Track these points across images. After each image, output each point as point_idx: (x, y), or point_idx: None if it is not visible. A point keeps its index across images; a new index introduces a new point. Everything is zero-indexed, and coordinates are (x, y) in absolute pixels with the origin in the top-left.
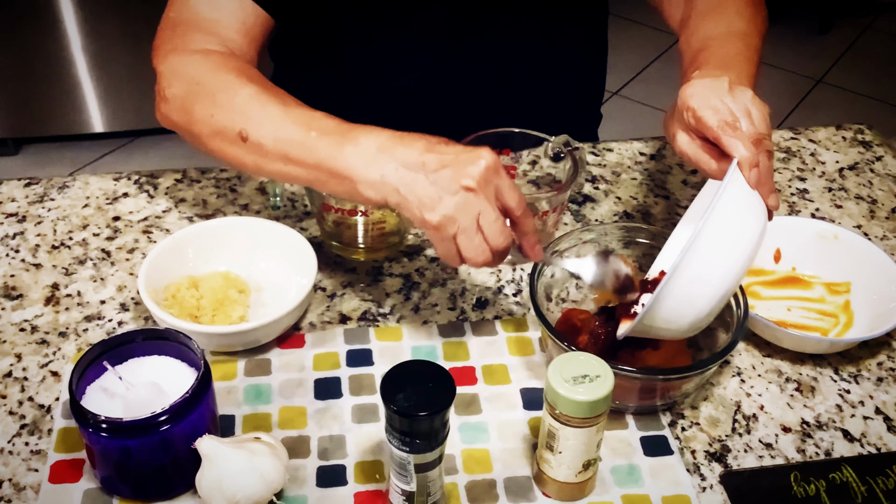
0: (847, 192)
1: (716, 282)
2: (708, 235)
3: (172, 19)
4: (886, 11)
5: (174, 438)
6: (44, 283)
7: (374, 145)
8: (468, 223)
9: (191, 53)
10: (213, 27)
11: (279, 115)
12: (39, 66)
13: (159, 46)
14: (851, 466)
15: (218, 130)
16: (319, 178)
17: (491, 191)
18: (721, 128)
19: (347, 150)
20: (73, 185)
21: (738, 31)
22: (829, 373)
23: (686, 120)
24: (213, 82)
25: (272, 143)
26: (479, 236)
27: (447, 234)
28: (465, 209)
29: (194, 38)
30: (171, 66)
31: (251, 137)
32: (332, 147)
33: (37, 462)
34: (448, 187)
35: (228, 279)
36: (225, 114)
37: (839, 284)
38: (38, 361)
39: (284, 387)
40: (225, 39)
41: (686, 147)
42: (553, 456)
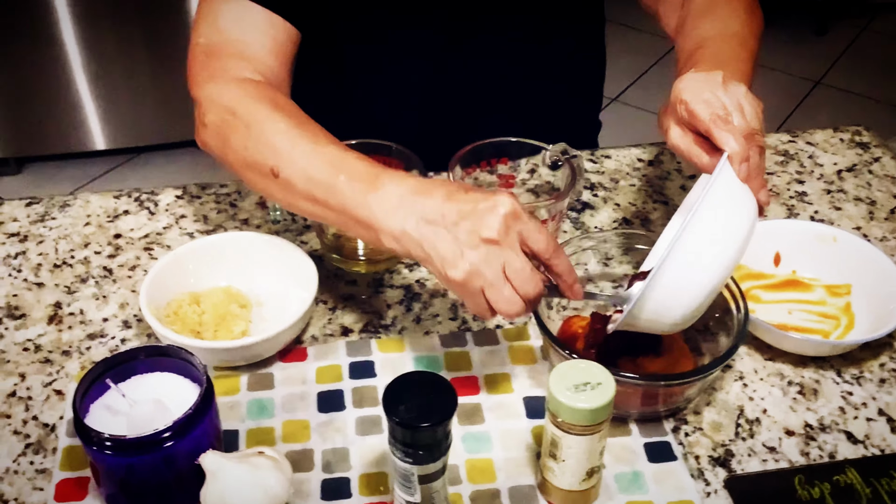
0: (846, 194)
1: (704, 276)
2: (696, 229)
3: (203, 45)
4: (883, 12)
5: (178, 455)
6: (46, 301)
7: (397, 195)
8: (494, 276)
9: (227, 82)
10: (245, 50)
11: (309, 153)
12: (40, 86)
13: (195, 74)
14: (856, 468)
15: (251, 164)
16: (346, 222)
17: (514, 238)
18: (713, 121)
19: (371, 200)
20: (74, 204)
21: (733, 33)
22: (831, 375)
23: (679, 113)
24: (247, 114)
25: (301, 183)
26: (508, 287)
27: (474, 289)
28: (488, 262)
29: (228, 64)
30: (208, 94)
31: (282, 175)
32: (357, 194)
33: (42, 481)
34: (469, 241)
35: (230, 294)
36: (257, 148)
37: (839, 286)
38: (42, 380)
39: (287, 400)
40: (258, 64)
41: (678, 140)
42: (556, 464)
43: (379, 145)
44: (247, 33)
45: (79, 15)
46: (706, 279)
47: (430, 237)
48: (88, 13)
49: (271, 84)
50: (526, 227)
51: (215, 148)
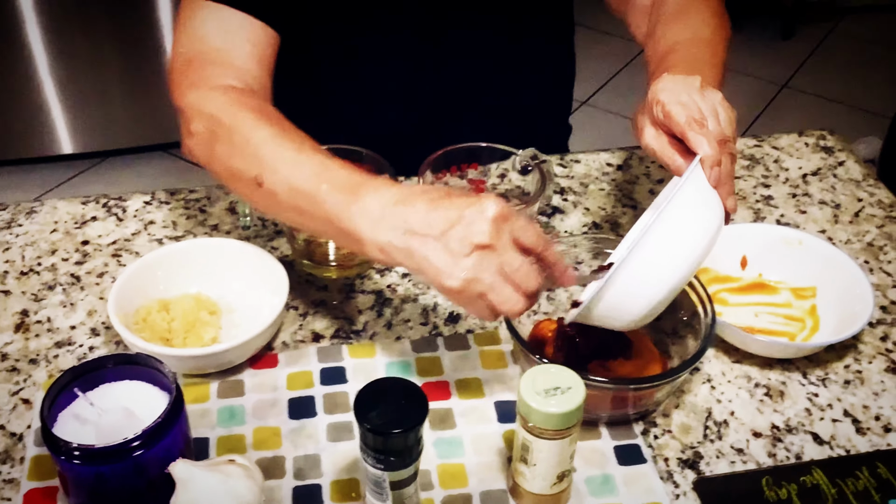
0: (811, 198)
1: (665, 275)
2: (661, 228)
3: (184, 55)
4: (849, 15)
5: (148, 463)
6: (13, 309)
7: (378, 206)
8: (492, 279)
9: (210, 89)
10: (227, 58)
11: (292, 162)
12: (6, 89)
13: (178, 83)
14: (822, 469)
15: (235, 173)
16: (331, 232)
17: (506, 239)
18: (688, 123)
19: (354, 211)
20: (40, 211)
21: (703, 39)
22: (797, 377)
23: (655, 114)
24: (231, 123)
25: (285, 193)
26: (509, 287)
27: (473, 295)
28: (485, 267)
29: (210, 71)
30: (191, 102)
31: (266, 185)
32: (339, 205)
33: (10, 491)
34: (461, 249)
35: (199, 301)
36: (241, 157)
37: (805, 289)
38: (9, 389)
39: (258, 407)
40: (241, 72)
41: (652, 141)
42: (527, 468)
43: (349, 151)
44: (228, 40)
45: (45, 16)
46: (667, 279)
47: (419, 249)
48: (55, 14)
49: (254, 91)
50: (515, 225)
51: (202, 156)
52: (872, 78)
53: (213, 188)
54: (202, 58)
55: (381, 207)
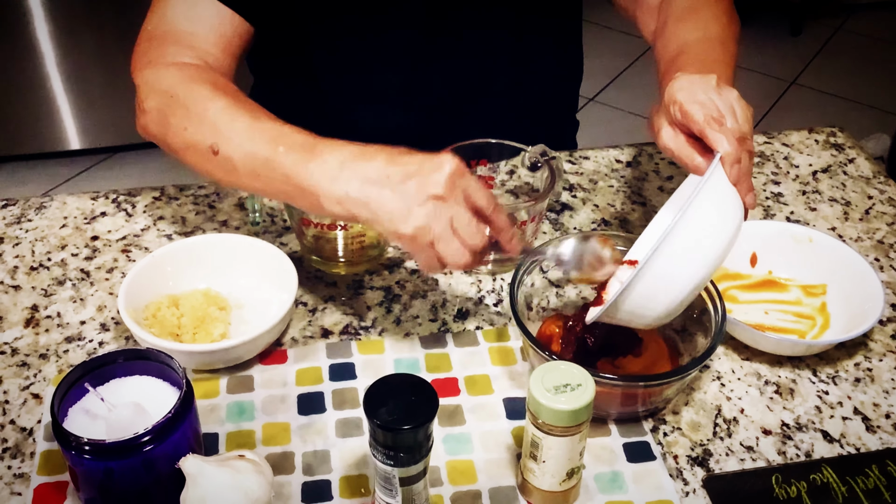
0: (821, 195)
1: (687, 274)
2: (684, 227)
3: (150, 32)
4: (857, 12)
5: (157, 459)
6: (23, 304)
7: (337, 161)
8: (442, 229)
9: (166, 66)
10: (190, 40)
11: (248, 128)
12: (14, 84)
13: (137, 59)
14: (832, 467)
15: (191, 144)
16: (289, 193)
17: (459, 194)
18: (707, 122)
19: (312, 167)
20: (50, 206)
21: (714, 37)
22: (807, 375)
23: (672, 114)
24: (186, 95)
25: (241, 158)
26: (456, 240)
27: (423, 243)
28: (436, 217)
29: (170, 50)
30: (147, 79)
31: (221, 152)
32: (297, 164)
33: (20, 486)
34: (416, 198)
35: (209, 297)
36: (197, 127)
37: (815, 287)
38: (19, 384)
39: (267, 403)
40: (201, 52)
41: (670, 141)
42: (537, 465)
43: None
44: (194, 25)
45: (53, 13)
46: (691, 276)
47: (375, 197)
48: (63, 11)
49: (211, 68)
50: (469, 183)
51: (156, 132)
52: (881, 75)
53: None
54: (165, 37)
55: (340, 162)
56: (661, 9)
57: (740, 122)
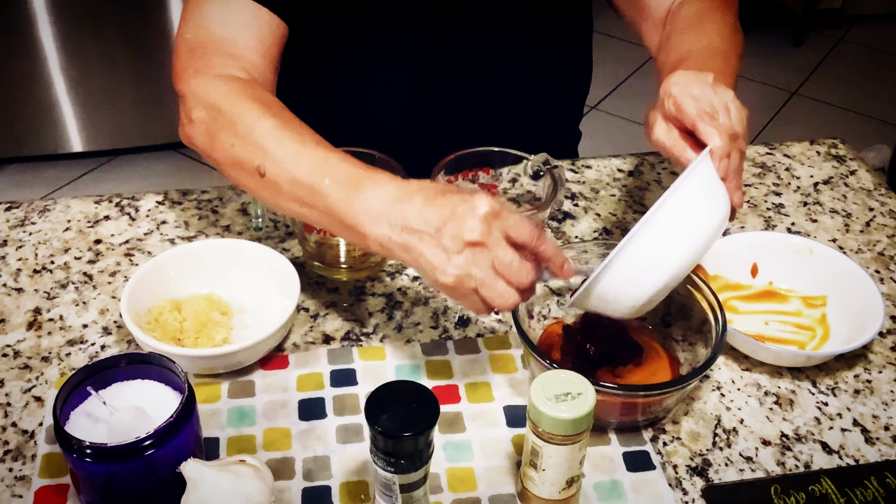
0: (822, 207)
1: (663, 263)
2: (664, 215)
3: (189, 41)
4: (859, 23)
5: (159, 463)
6: (26, 307)
7: (380, 201)
8: (484, 275)
9: (213, 78)
10: (231, 48)
11: (294, 154)
12: (18, 87)
13: (181, 70)
14: (830, 478)
15: (237, 162)
16: (333, 225)
17: (497, 235)
18: (699, 115)
19: (356, 206)
20: (53, 209)
21: (717, 48)
22: (807, 386)
23: (666, 108)
24: (234, 111)
25: (287, 184)
26: (501, 282)
27: (467, 290)
28: (476, 263)
29: (214, 61)
30: (195, 90)
31: (268, 174)
32: (342, 200)
33: (21, 488)
34: (454, 246)
35: (211, 301)
36: (244, 146)
37: (815, 298)
38: (21, 387)
39: (268, 408)
40: (245, 63)
41: (663, 135)
42: (537, 473)
43: (362, 154)
44: (233, 31)
45: (57, 16)
46: (666, 265)
47: (415, 245)
48: (67, 14)
49: (257, 82)
50: (507, 222)
51: (202, 144)
52: (882, 86)
53: (225, 189)
54: (207, 46)
55: (381, 203)
56: (666, 22)
57: (734, 120)
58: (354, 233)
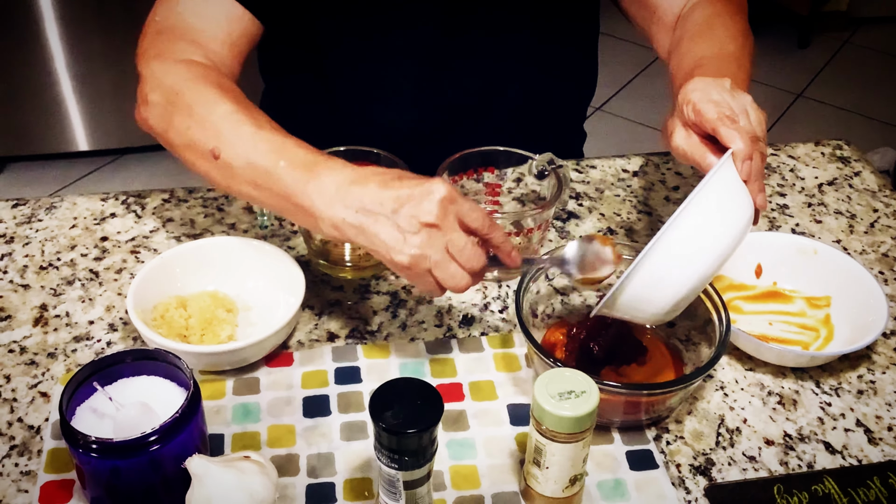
0: (826, 208)
1: (691, 267)
2: (688, 218)
3: (158, 24)
4: (864, 26)
5: (164, 458)
6: (32, 303)
7: (335, 185)
8: (438, 256)
9: (175, 62)
10: (198, 37)
11: (251, 137)
12: (24, 85)
13: (144, 50)
14: (833, 478)
15: (191, 144)
16: (286, 208)
17: (452, 219)
18: (720, 119)
19: (310, 189)
20: (60, 206)
21: (730, 54)
22: (810, 386)
23: (686, 115)
24: (192, 95)
25: (242, 167)
26: (454, 264)
27: (421, 270)
28: (431, 244)
29: (178, 46)
30: (154, 72)
31: (222, 157)
32: (296, 182)
33: (27, 483)
34: (409, 226)
35: (216, 298)
36: (199, 129)
37: (819, 298)
38: (27, 382)
39: (273, 405)
40: (209, 51)
41: (682, 142)
42: (540, 471)
43: (367, 152)
44: (204, 21)
45: (63, 15)
46: (694, 269)
47: (370, 225)
48: (73, 13)
49: (218, 70)
50: (461, 207)
51: (157, 126)
52: (888, 88)
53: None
54: (174, 31)
55: (336, 186)
56: (676, 26)
57: (753, 123)
58: (307, 215)
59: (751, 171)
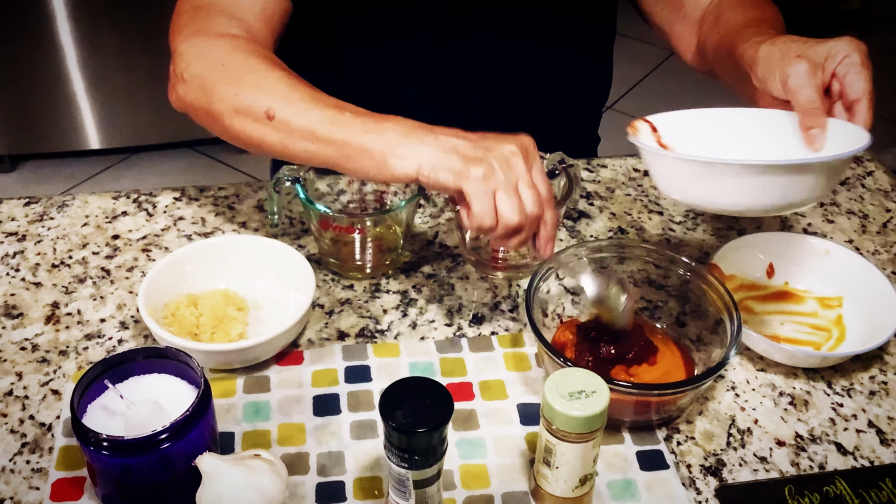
0: (839, 208)
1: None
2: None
3: (192, 1)
4: (880, 26)
5: (175, 456)
6: (44, 301)
7: (410, 125)
8: (508, 181)
9: (216, 37)
10: (234, 11)
11: (309, 96)
12: (36, 83)
13: (181, 28)
14: (845, 480)
15: (241, 109)
16: (346, 154)
17: (529, 163)
18: (868, 94)
19: (385, 126)
20: (72, 204)
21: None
22: (822, 387)
23: (824, 73)
24: (241, 64)
25: (301, 121)
26: (516, 199)
27: (488, 187)
28: (506, 168)
29: (217, 21)
30: (193, 48)
31: (278, 115)
32: (367, 123)
33: (38, 480)
34: (489, 150)
35: (227, 297)
36: (251, 93)
37: (831, 299)
38: (39, 380)
39: (283, 404)
40: (247, 25)
41: (802, 78)
42: (550, 471)
43: None
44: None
45: (75, 13)
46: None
47: (453, 144)
48: (85, 11)
49: (261, 44)
50: (537, 164)
51: (196, 101)
52: None
53: (241, 186)
54: (211, 7)
55: (412, 126)
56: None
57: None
58: (375, 154)
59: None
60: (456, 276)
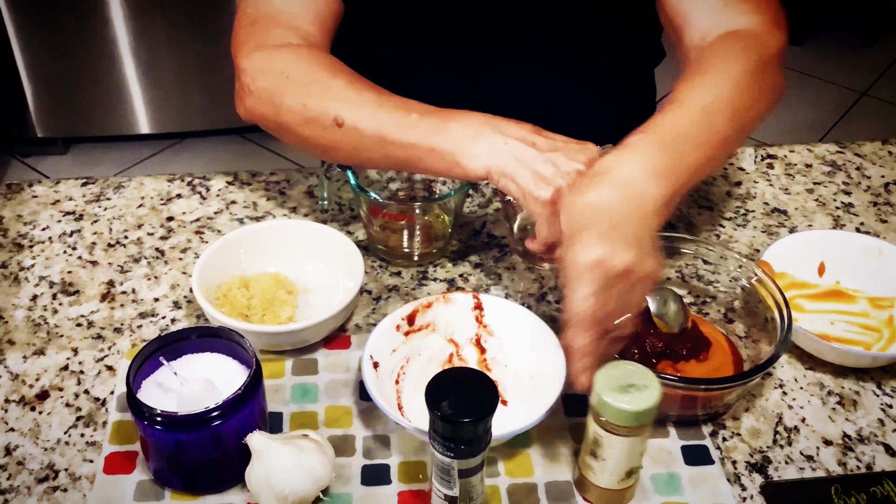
0: (892, 207)
1: None
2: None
3: (250, 16)
4: None
5: (225, 433)
6: (100, 279)
7: (478, 122)
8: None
9: (276, 49)
10: (290, 20)
11: (375, 99)
12: (89, 69)
13: (242, 44)
14: (893, 481)
15: (311, 118)
16: (417, 156)
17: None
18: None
19: (452, 126)
20: (128, 186)
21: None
22: (871, 387)
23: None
24: (305, 74)
25: (369, 126)
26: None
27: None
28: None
29: (275, 33)
30: (257, 62)
31: (347, 122)
32: (435, 124)
33: (92, 453)
34: (562, 167)
35: (278, 280)
36: (319, 102)
37: (883, 299)
38: (94, 356)
39: (330, 386)
40: (303, 32)
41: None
42: (597, 462)
43: None
44: (293, 5)
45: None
46: None
47: (522, 153)
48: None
49: (318, 48)
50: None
51: (267, 113)
52: None
53: (292, 171)
54: (268, 20)
55: (480, 123)
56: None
57: None
58: (445, 154)
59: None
60: (503, 266)
